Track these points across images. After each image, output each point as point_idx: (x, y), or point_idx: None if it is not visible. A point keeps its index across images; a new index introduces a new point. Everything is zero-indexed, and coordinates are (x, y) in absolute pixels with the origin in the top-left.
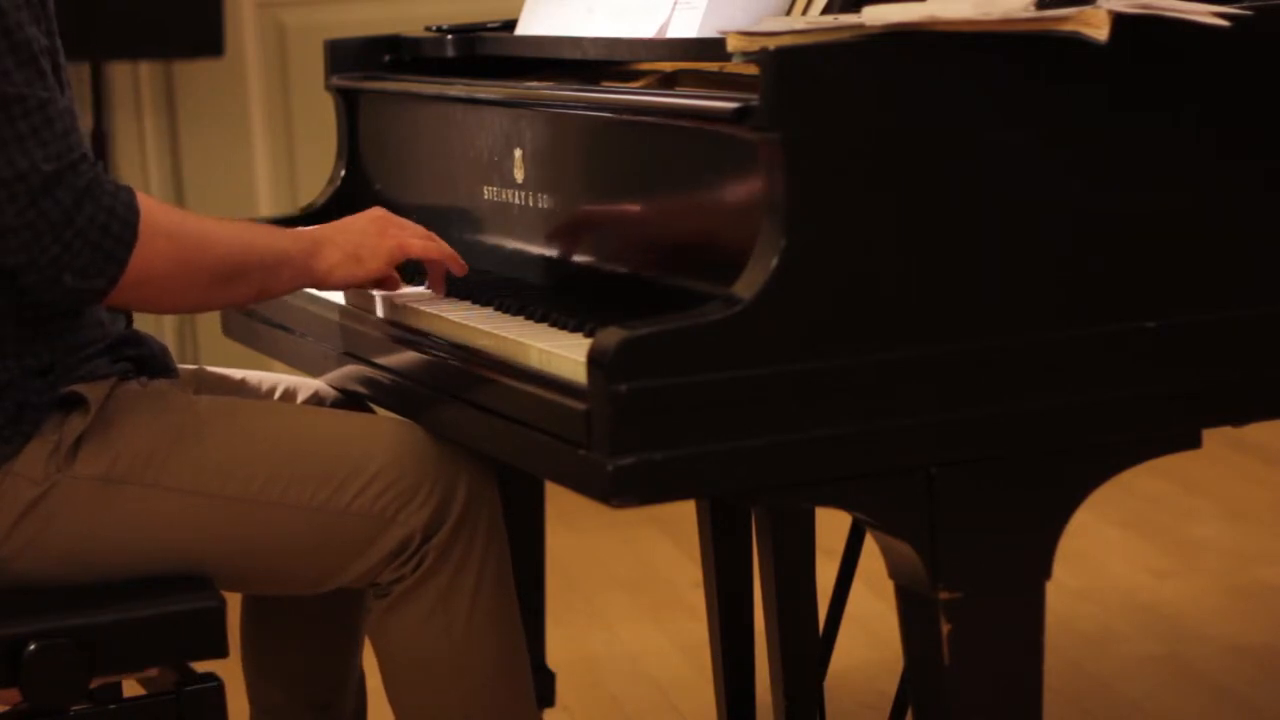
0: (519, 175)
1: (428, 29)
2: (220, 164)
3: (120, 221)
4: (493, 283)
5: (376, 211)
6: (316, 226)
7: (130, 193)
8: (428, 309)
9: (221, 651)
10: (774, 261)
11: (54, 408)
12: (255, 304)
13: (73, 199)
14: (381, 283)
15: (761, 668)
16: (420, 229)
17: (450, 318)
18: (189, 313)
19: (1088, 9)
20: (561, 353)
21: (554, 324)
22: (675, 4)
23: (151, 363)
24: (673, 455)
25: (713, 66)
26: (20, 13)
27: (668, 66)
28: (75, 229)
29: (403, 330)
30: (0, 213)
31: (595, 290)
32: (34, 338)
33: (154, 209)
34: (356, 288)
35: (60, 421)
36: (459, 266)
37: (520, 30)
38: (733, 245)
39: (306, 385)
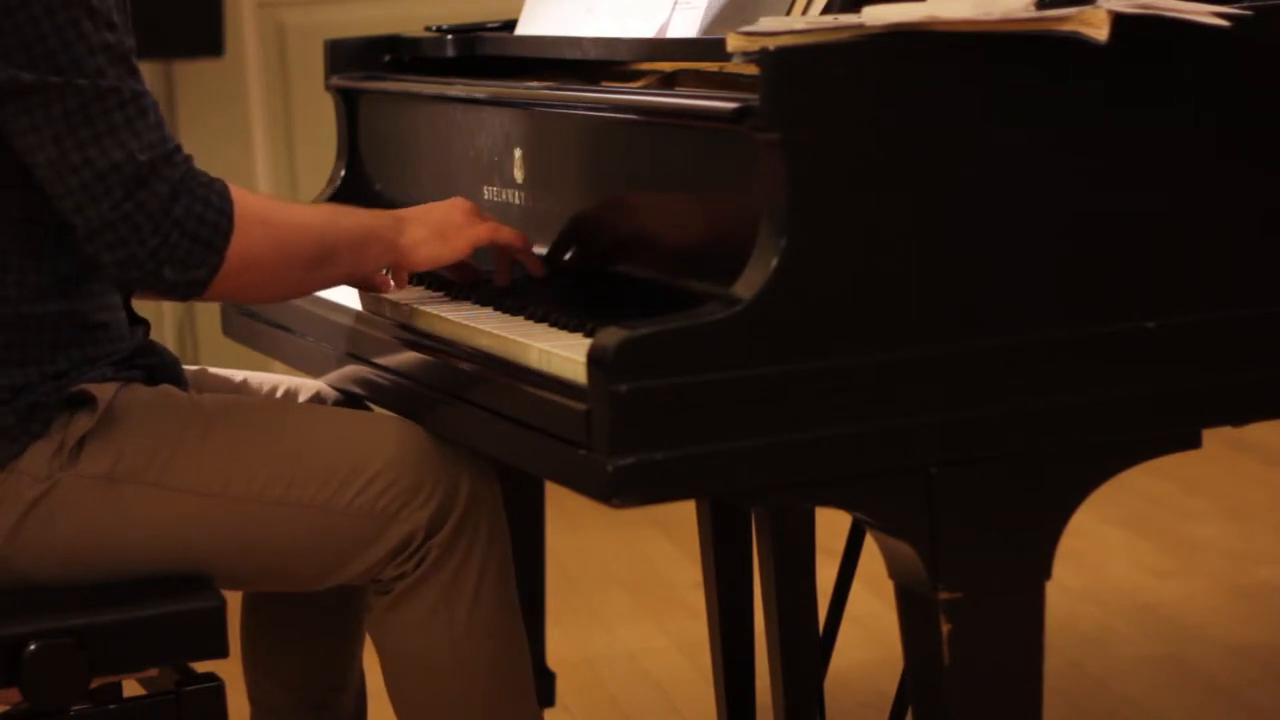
0: (519, 175)
1: (428, 29)
2: (220, 164)
3: (216, 211)
4: (493, 282)
5: (459, 199)
6: (399, 209)
7: (223, 183)
8: (428, 309)
9: (221, 651)
10: (774, 261)
11: (62, 407)
12: (342, 284)
13: (169, 190)
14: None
15: (761, 668)
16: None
17: (451, 318)
18: (286, 299)
19: (1088, 9)
20: (561, 353)
21: (554, 324)
22: (675, 4)
23: (162, 372)
24: (673, 455)
25: (713, 66)
26: (112, 14)
27: (668, 66)
28: (172, 220)
29: (403, 330)
30: (96, 206)
31: (595, 290)
32: (56, 347)
33: (246, 197)
34: (439, 267)
35: (66, 421)
36: (536, 266)
37: (520, 30)
38: (733, 245)
39: (307, 386)
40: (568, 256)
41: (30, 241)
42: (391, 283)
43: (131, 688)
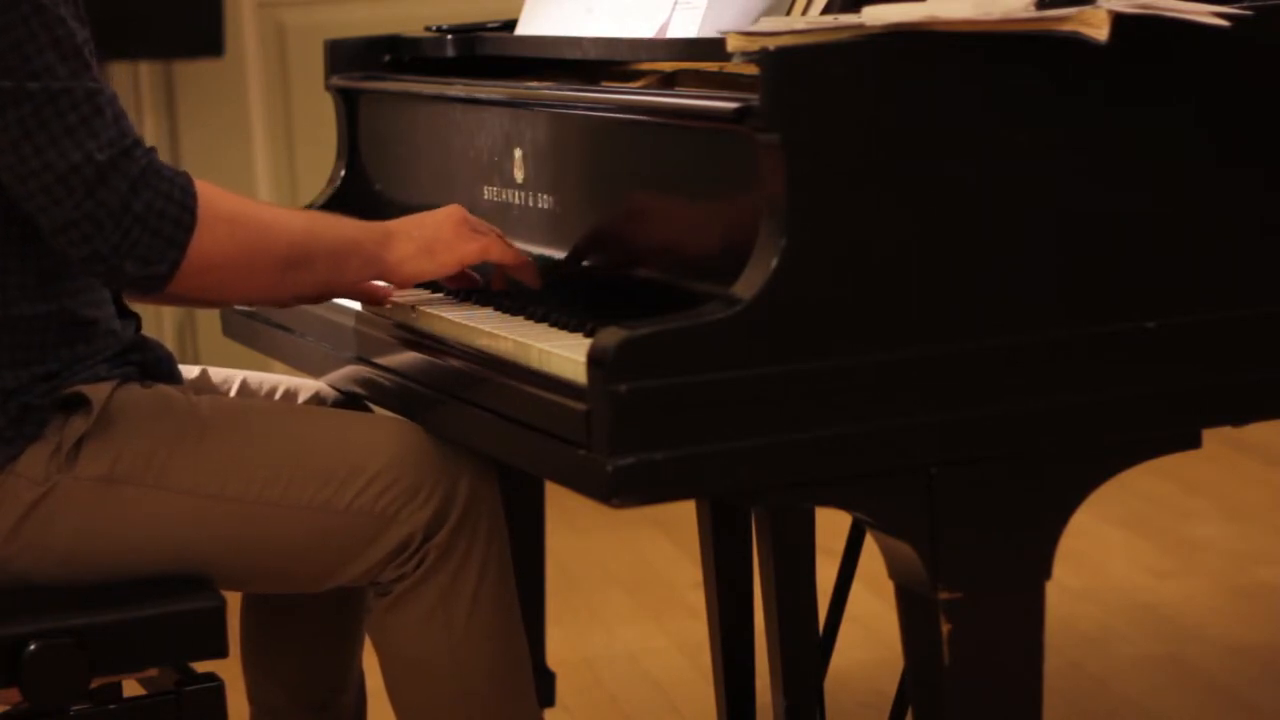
0: (519, 175)
1: (428, 29)
2: (220, 164)
3: (178, 206)
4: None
5: (454, 209)
6: (390, 220)
7: (187, 178)
8: (428, 310)
9: (221, 651)
10: (774, 261)
11: (57, 409)
12: (324, 295)
13: (128, 185)
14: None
15: (761, 668)
16: (498, 232)
17: (450, 318)
18: (258, 303)
19: (1088, 9)
20: (561, 353)
21: (554, 324)
22: (675, 4)
23: (156, 368)
24: (673, 455)
25: (713, 66)
26: (60, 8)
27: (668, 66)
28: (133, 215)
29: (403, 331)
30: (59, 206)
31: (595, 290)
32: (45, 348)
33: (214, 194)
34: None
35: (62, 423)
36: (533, 279)
37: (520, 30)
38: (733, 245)
39: (307, 386)
40: (584, 263)
41: (10, 242)
42: (390, 290)
43: (131, 688)
